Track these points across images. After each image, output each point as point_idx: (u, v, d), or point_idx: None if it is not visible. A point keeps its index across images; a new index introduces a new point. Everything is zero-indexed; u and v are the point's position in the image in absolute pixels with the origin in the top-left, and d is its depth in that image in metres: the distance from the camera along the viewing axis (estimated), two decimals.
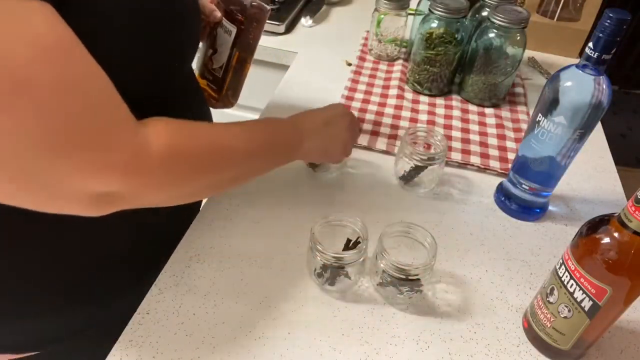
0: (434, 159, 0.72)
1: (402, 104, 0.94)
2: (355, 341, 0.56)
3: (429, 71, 0.95)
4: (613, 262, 0.47)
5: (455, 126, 0.90)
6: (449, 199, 0.76)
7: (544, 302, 0.55)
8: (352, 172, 0.79)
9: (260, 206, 0.71)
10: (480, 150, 0.84)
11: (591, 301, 0.49)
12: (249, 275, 0.62)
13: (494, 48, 0.90)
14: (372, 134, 0.86)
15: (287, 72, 1.03)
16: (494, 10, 0.88)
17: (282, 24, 1.14)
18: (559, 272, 0.52)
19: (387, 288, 0.59)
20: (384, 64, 1.07)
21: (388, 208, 0.73)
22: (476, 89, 0.95)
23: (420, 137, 0.77)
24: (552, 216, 0.75)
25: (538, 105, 0.65)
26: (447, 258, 0.66)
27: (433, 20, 0.91)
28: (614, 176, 0.83)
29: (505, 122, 0.92)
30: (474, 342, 0.57)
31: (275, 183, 0.75)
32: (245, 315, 0.58)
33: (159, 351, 0.54)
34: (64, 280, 0.57)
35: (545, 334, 0.55)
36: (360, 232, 0.60)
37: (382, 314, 0.59)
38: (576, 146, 0.64)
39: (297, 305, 0.59)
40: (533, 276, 0.65)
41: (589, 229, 0.50)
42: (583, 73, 0.59)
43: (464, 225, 0.72)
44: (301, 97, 0.95)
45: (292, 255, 0.65)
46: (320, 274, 0.59)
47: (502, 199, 0.75)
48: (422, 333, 0.58)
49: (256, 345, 0.55)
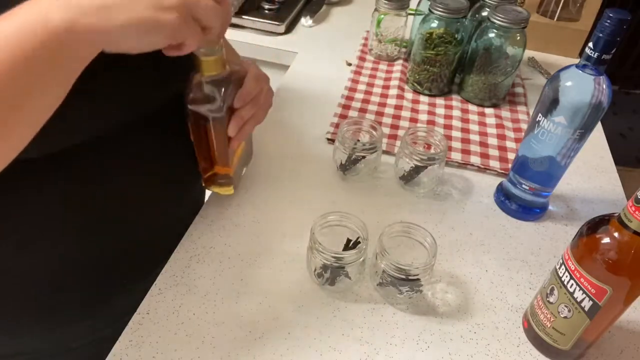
0: (434, 159, 0.72)
1: (402, 104, 0.94)
2: (355, 341, 0.56)
3: (429, 71, 0.95)
4: (613, 262, 0.47)
5: (455, 126, 0.90)
6: (449, 199, 0.76)
7: (544, 302, 0.55)
8: (381, 176, 0.79)
9: (260, 206, 0.71)
10: (480, 150, 0.84)
11: (591, 301, 0.49)
12: (249, 275, 0.62)
13: (494, 48, 0.90)
14: None
15: (287, 72, 1.03)
16: (494, 10, 0.88)
17: (282, 24, 1.15)
18: (559, 272, 0.52)
19: (387, 288, 0.59)
20: (384, 64, 1.07)
21: (388, 208, 0.73)
22: (476, 89, 0.95)
23: (420, 137, 0.77)
24: (552, 216, 0.75)
25: (538, 105, 0.65)
26: (447, 258, 0.66)
27: (433, 20, 0.91)
28: (614, 176, 0.83)
29: (505, 122, 0.92)
30: (474, 342, 0.57)
31: (275, 183, 0.75)
32: (245, 315, 0.58)
33: (159, 351, 0.54)
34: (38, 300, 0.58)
35: (545, 334, 0.55)
36: (360, 232, 0.60)
37: (382, 314, 0.59)
38: (576, 146, 0.64)
39: (297, 305, 0.59)
40: (533, 276, 0.65)
41: (589, 229, 0.50)
42: (583, 73, 0.59)
43: (464, 225, 0.72)
44: (301, 97, 0.95)
45: (292, 255, 0.65)
46: (320, 274, 0.59)
47: (502, 199, 0.75)
48: (422, 333, 0.58)
49: (256, 345, 0.55)
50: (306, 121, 0.88)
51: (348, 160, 0.75)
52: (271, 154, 0.81)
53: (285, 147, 0.82)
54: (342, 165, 0.76)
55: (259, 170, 0.78)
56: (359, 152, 0.74)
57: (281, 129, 0.87)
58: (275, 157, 0.80)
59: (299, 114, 0.90)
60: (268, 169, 0.78)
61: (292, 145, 0.83)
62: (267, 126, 0.86)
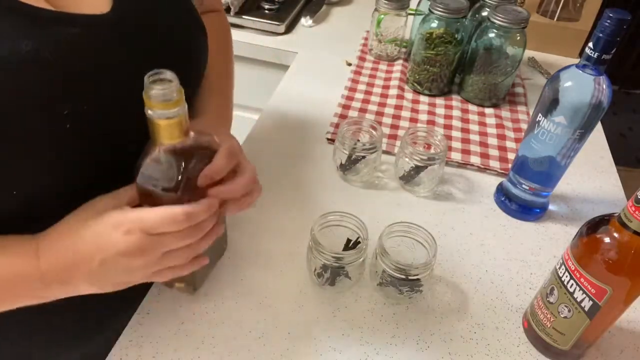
0: (434, 159, 0.72)
1: (402, 104, 0.94)
2: (355, 341, 0.56)
3: (429, 71, 0.95)
4: (613, 262, 0.47)
5: (455, 126, 0.90)
6: (449, 199, 0.76)
7: (544, 302, 0.55)
8: (380, 175, 0.79)
9: (260, 206, 0.71)
10: (480, 150, 0.84)
11: (591, 301, 0.49)
12: (249, 275, 0.62)
13: (494, 48, 0.90)
14: None
15: (287, 72, 1.03)
16: (494, 10, 0.88)
17: (282, 24, 1.14)
18: (559, 272, 0.52)
19: (387, 288, 0.59)
20: (384, 64, 1.07)
21: (388, 208, 0.73)
22: (476, 89, 0.95)
23: (420, 137, 0.78)
24: (552, 216, 0.75)
25: (538, 105, 0.65)
26: (447, 258, 0.66)
27: (433, 20, 0.91)
28: (614, 176, 0.83)
29: (505, 122, 0.92)
30: (474, 342, 0.57)
31: (275, 183, 0.75)
32: (245, 315, 0.58)
33: (159, 351, 0.54)
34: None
35: (545, 334, 0.55)
36: (360, 232, 0.60)
37: (382, 314, 0.59)
38: (576, 146, 0.64)
39: (297, 305, 0.59)
40: (533, 276, 0.65)
41: (589, 229, 0.50)
42: (583, 73, 0.59)
43: (464, 225, 0.72)
44: (301, 97, 0.95)
45: (292, 255, 0.65)
46: (320, 274, 0.59)
47: (502, 199, 0.75)
48: (422, 333, 0.58)
49: (256, 345, 0.55)
50: (306, 121, 0.88)
51: (348, 160, 0.75)
52: (271, 154, 0.81)
53: (285, 147, 0.82)
54: (342, 165, 0.76)
55: (258, 170, 0.78)
56: (359, 152, 0.74)
57: (281, 129, 0.87)
58: (275, 157, 0.80)
59: (299, 114, 0.90)
60: (268, 169, 0.78)
61: (292, 145, 0.83)
62: (268, 126, 0.86)
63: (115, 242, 0.41)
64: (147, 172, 0.42)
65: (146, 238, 0.41)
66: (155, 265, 0.44)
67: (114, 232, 0.41)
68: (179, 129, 0.40)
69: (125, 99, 0.44)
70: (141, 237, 0.41)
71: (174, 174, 0.42)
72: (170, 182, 0.42)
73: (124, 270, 0.43)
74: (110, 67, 0.45)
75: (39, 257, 0.43)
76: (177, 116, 0.39)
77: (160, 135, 0.40)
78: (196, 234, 0.44)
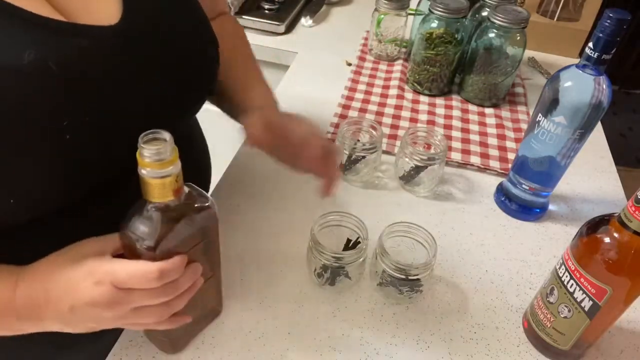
0: (434, 159, 0.72)
1: (402, 104, 0.94)
2: (355, 341, 0.56)
3: (429, 71, 0.95)
4: (613, 262, 0.47)
5: (455, 126, 0.90)
6: (449, 199, 0.76)
7: (544, 302, 0.55)
8: (380, 175, 0.79)
9: (261, 206, 0.71)
10: (480, 150, 0.84)
11: (591, 301, 0.49)
12: (249, 275, 0.62)
13: (494, 48, 0.90)
14: None
15: (287, 72, 1.03)
16: (494, 10, 0.88)
17: (282, 24, 1.15)
18: (559, 272, 0.52)
19: (387, 288, 0.59)
20: (384, 64, 1.07)
21: (388, 208, 0.73)
22: (476, 89, 0.95)
23: (420, 137, 0.78)
24: (552, 216, 0.75)
25: (538, 105, 0.65)
26: (447, 258, 0.66)
27: (433, 20, 0.91)
28: (614, 176, 0.83)
29: (505, 122, 0.92)
30: (474, 342, 0.57)
31: (275, 183, 0.75)
32: (245, 315, 0.58)
33: (159, 351, 0.54)
34: None
35: (545, 334, 0.55)
36: (360, 232, 0.60)
37: (382, 314, 0.59)
38: (576, 146, 0.64)
39: (297, 305, 0.59)
40: (533, 276, 0.65)
41: (589, 229, 0.50)
42: (583, 73, 0.59)
43: (464, 225, 0.72)
44: (301, 97, 0.95)
45: (292, 255, 0.65)
46: (320, 274, 0.59)
47: (502, 199, 0.75)
48: (422, 333, 0.58)
49: (256, 345, 0.55)
50: None
51: (348, 160, 0.75)
52: None
53: None
54: (342, 165, 0.76)
55: (258, 170, 0.78)
56: (359, 152, 0.74)
57: None
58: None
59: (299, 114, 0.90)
60: (268, 169, 0.78)
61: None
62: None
63: (84, 291, 0.40)
64: (132, 224, 0.41)
65: (115, 292, 0.40)
66: (125, 319, 0.43)
67: (84, 281, 0.40)
68: (170, 188, 0.39)
69: (127, 112, 0.44)
70: (110, 290, 0.40)
71: (155, 233, 0.41)
72: (151, 239, 0.40)
73: (93, 318, 0.43)
74: (116, 79, 0.44)
75: (15, 291, 0.43)
76: (170, 175, 0.38)
77: (150, 193, 0.39)
78: (170, 292, 0.42)
